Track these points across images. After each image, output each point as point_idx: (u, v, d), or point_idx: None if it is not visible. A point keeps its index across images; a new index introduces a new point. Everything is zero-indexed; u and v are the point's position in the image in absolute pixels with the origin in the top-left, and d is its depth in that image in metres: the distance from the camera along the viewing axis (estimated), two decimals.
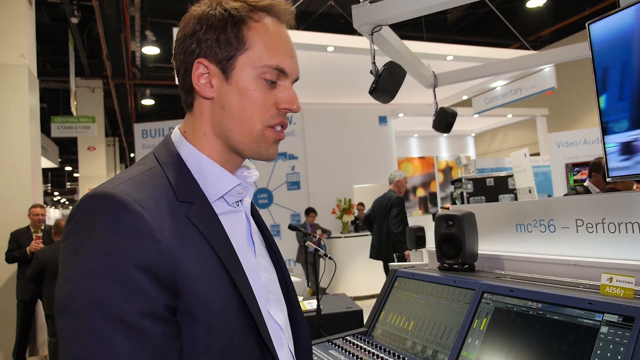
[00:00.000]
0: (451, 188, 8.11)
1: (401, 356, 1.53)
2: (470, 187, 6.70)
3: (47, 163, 11.91)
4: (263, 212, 8.80)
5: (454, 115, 5.32)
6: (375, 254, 5.93)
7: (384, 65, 3.73)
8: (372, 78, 3.75)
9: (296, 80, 0.83)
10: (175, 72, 0.83)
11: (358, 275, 8.15)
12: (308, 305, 3.26)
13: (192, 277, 0.68)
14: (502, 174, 7.12)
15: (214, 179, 0.79)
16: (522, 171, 6.48)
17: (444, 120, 5.28)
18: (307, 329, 0.95)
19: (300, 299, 3.39)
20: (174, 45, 0.83)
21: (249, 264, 0.79)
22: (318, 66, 7.88)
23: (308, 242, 3.03)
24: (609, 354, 1.04)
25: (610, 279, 1.21)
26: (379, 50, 4.11)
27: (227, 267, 0.72)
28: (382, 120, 10.56)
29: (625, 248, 1.44)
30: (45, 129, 9.48)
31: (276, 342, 0.80)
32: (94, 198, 0.66)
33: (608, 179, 1.81)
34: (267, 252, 0.93)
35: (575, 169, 6.56)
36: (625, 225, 1.46)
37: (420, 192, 13.62)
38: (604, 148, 1.81)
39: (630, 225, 1.44)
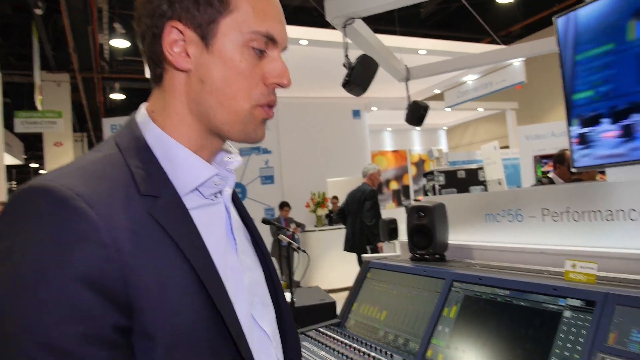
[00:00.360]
0: (424, 181, 8.23)
1: (373, 345, 1.54)
2: (442, 179, 6.82)
3: (11, 160, 11.50)
4: None
5: (425, 109, 5.39)
6: (349, 246, 5.97)
7: (357, 59, 3.74)
8: (345, 72, 3.76)
9: (284, 49, 0.72)
10: (140, 39, 0.69)
11: (332, 268, 8.19)
12: None
13: (150, 287, 0.56)
14: (473, 166, 7.29)
15: (185, 168, 0.66)
16: (492, 163, 6.63)
17: (417, 114, 5.35)
18: (296, 332, 0.86)
19: None
20: (136, 6, 0.68)
21: (230, 265, 0.69)
22: (291, 60, 7.80)
23: (281, 235, 3.03)
24: (571, 337, 1.08)
25: (574, 265, 1.25)
26: (352, 43, 4.12)
27: (198, 272, 0.61)
28: (356, 113, 10.60)
29: (589, 236, 1.49)
30: (8, 125, 9.16)
31: (262, 353, 0.71)
32: (28, 192, 0.54)
33: (573, 169, 1.87)
34: (253, 248, 0.82)
35: (544, 160, 6.74)
36: (589, 213, 1.51)
37: (394, 185, 13.75)
38: (570, 140, 1.86)
39: (594, 214, 1.49)
